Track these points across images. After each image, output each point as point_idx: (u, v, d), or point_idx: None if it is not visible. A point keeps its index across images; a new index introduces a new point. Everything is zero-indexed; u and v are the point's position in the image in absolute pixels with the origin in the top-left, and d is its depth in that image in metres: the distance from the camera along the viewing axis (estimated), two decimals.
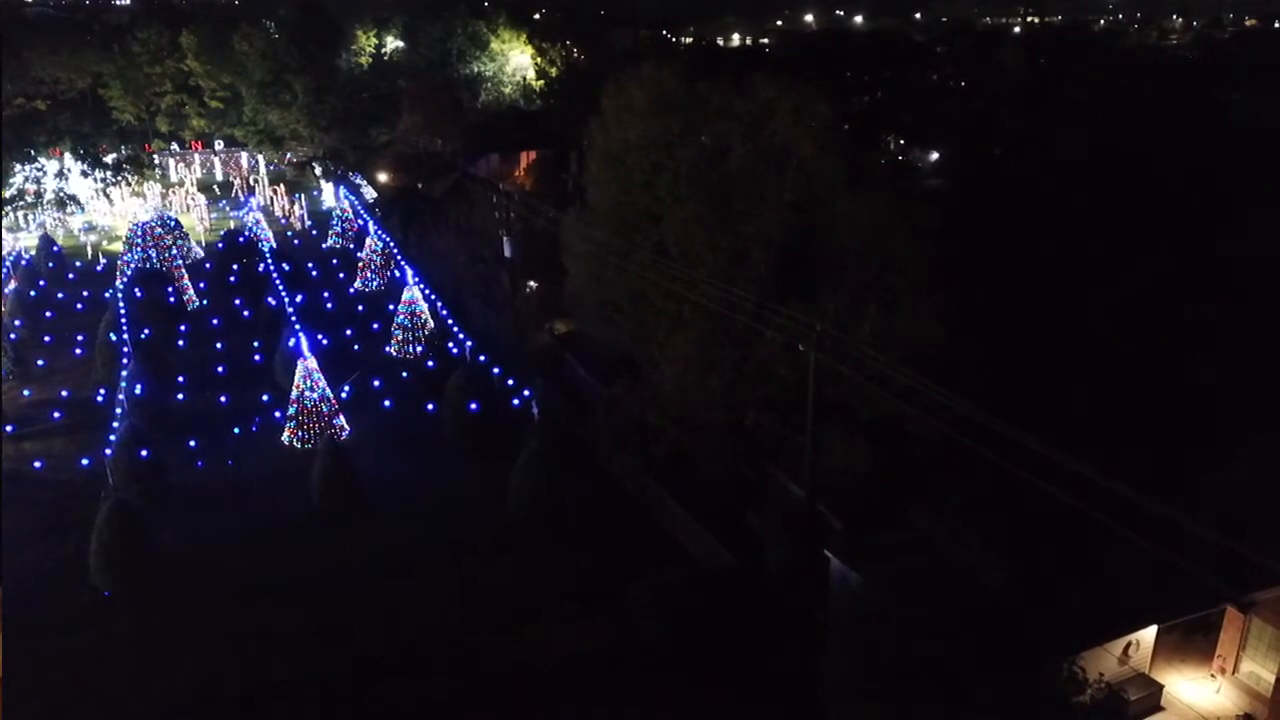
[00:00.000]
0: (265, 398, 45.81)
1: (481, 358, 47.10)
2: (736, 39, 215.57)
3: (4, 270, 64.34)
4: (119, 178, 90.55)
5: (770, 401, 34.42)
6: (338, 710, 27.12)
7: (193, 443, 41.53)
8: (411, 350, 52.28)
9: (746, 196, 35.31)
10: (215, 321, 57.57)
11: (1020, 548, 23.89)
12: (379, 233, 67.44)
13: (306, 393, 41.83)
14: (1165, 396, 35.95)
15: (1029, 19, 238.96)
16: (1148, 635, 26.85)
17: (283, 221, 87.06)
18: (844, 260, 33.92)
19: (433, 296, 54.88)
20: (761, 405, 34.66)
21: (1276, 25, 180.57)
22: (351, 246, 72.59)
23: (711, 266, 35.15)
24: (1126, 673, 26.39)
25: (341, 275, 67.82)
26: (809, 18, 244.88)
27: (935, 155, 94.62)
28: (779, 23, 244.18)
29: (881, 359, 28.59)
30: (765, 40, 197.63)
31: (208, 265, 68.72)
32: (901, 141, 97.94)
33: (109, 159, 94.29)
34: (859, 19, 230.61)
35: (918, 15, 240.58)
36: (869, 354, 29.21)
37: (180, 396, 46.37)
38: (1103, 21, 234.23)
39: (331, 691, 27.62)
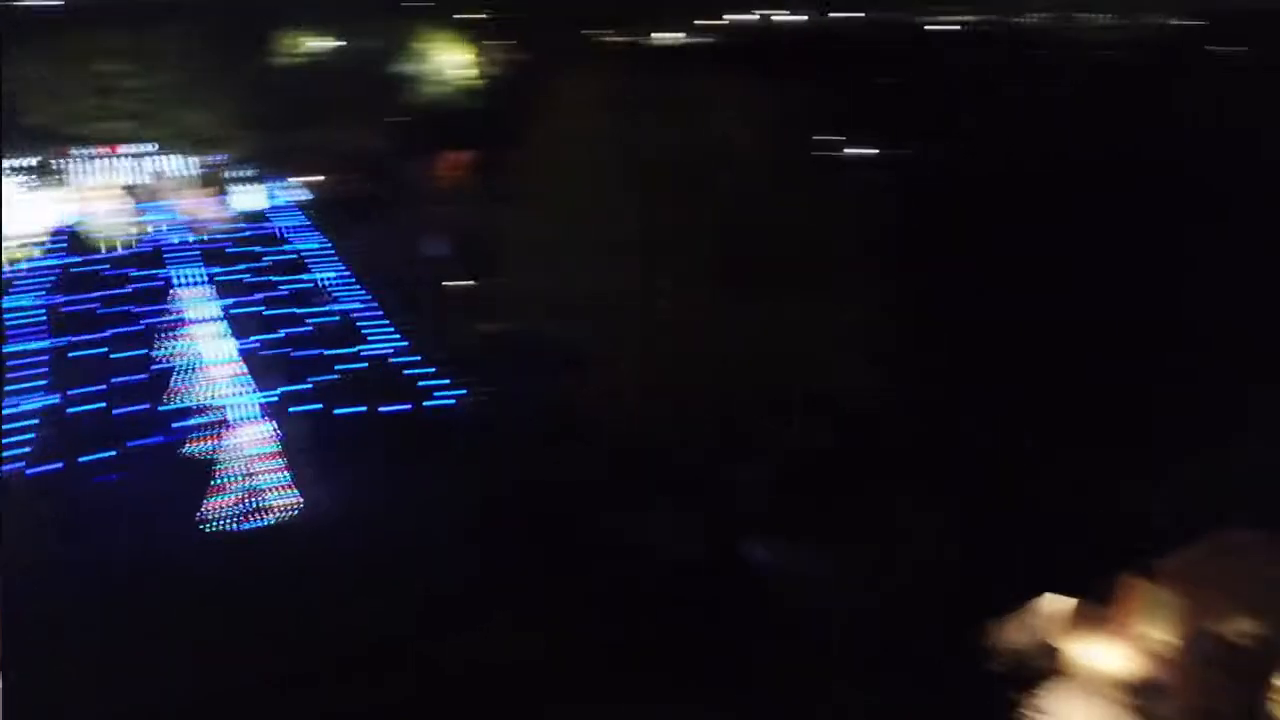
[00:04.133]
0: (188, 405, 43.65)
1: (416, 357, 45.62)
2: (677, 36, 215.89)
3: None
4: (35, 183, 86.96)
5: (731, 392, 33.91)
6: None
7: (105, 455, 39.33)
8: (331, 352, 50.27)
9: (687, 190, 34.88)
10: (140, 327, 54.81)
11: (938, 519, 24.25)
12: (311, 234, 65.47)
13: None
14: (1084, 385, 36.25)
15: (963, 15, 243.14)
16: (1051, 603, 27.73)
17: (209, 225, 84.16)
18: (785, 250, 33.53)
19: (362, 296, 53.17)
20: (722, 396, 34.14)
21: (1201, 23, 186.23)
22: (285, 249, 70.38)
23: (660, 260, 34.65)
24: (1032, 639, 27.07)
25: (274, 278, 65.37)
26: (751, 15, 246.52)
27: (875, 150, 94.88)
28: (720, 19, 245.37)
29: (822, 344, 28.31)
30: (706, 37, 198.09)
31: (130, 271, 65.75)
32: (840, 135, 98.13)
33: (24, 163, 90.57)
34: (801, 15, 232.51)
35: (854, 12, 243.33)
36: (810, 340, 28.85)
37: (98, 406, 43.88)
38: (1035, 18, 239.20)
39: None
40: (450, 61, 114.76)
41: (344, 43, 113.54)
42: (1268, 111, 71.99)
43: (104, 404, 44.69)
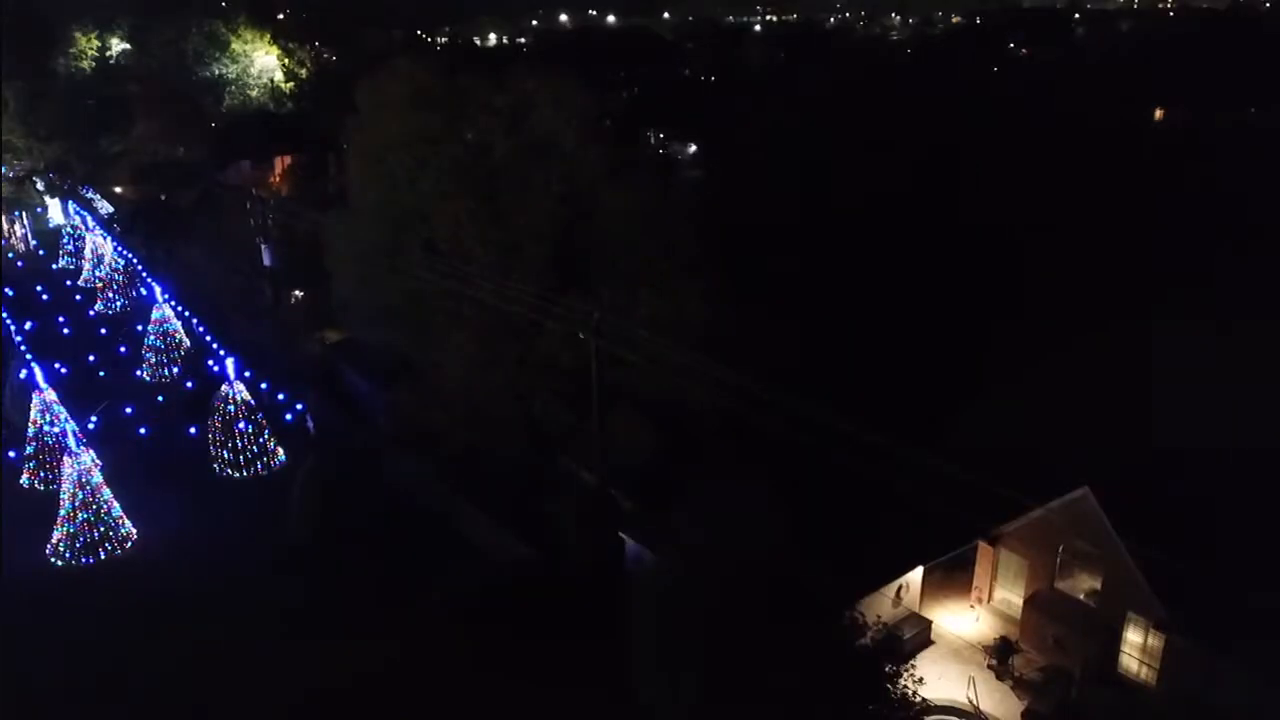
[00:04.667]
0: None
1: (248, 373, 44.51)
2: (493, 39, 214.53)
3: None
4: None
5: (556, 391, 34.70)
6: None
7: None
8: (167, 373, 48.59)
9: (514, 189, 35.28)
10: None
11: (798, 508, 25.28)
12: (119, 249, 62.12)
13: (45, 428, 37.96)
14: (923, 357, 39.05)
15: (768, 17, 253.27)
16: (915, 576, 29.38)
17: (4, 243, 78.30)
18: (614, 248, 34.63)
19: (186, 313, 51.21)
20: (548, 395, 34.89)
21: (978, 20, 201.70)
22: (88, 266, 66.33)
23: (484, 261, 34.97)
24: (900, 613, 28.65)
25: (78, 298, 61.96)
26: (563, 17, 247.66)
27: (693, 148, 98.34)
28: (534, 22, 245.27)
29: (658, 341, 29.51)
30: (521, 39, 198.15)
31: None
32: (661, 135, 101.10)
33: None
34: (611, 18, 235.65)
35: (666, 15, 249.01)
36: (645, 337, 30.09)
37: None
38: (833, 19, 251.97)
39: None
40: (267, 64, 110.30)
41: (144, 45, 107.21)
42: None
43: None
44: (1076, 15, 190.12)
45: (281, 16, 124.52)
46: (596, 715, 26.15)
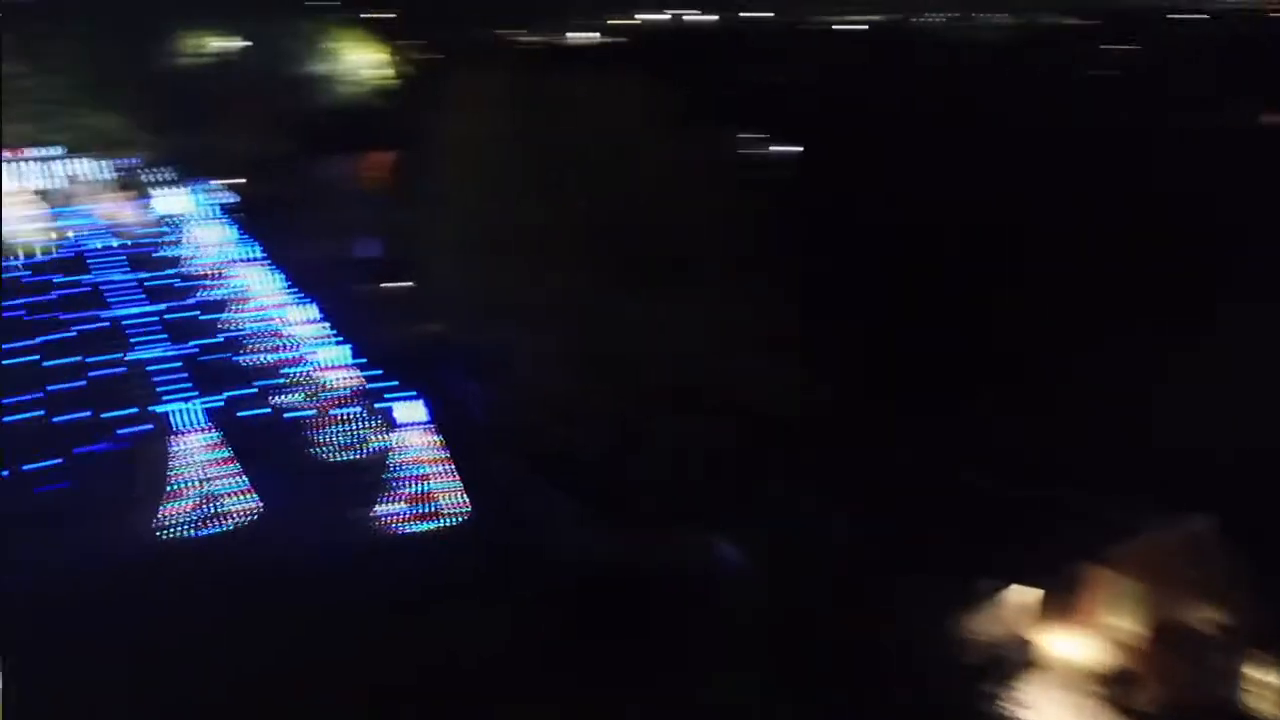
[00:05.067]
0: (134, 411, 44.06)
1: (350, 362, 46.73)
2: (584, 37, 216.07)
3: None
4: None
5: (644, 392, 34.98)
6: None
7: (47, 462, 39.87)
8: (274, 356, 51.17)
9: (597, 188, 35.93)
10: (50, 337, 54.45)
11: (895, 518, 24.99)
12: (224, 239, 65.37)
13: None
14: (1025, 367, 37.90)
15: (862, 16, 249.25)
16: (1020, 595, 27.78)
17: (119, 229, 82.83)
18: (695, 248, 35.03)
19: (289, 302, 53.84)
20: (636, 395, 35.20)
21: (1077, 21, 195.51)
22: (195, 253, 69.93)
23: (567, 257, 35.66)
24: (1001, 633, 27.20)
25: (186, 283, 65.30)
26: (656, 16, 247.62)
27: (780, 149, 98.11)
28: (626, 21, 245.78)
29: (737, 342, 29.83)
30: (612, 38, 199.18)
31: (40, 277, 64.80)
32: (747, 135, 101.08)
33: None
34: (705, 17, 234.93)
35: (760, 13, 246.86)
36: (724, 338, 30.39)
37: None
38: (933, 19, 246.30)
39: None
40: (369, 61, 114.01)
41: (254, 43, 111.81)
42: None
43: (42, 412, 45.03)
44: (1174, 16, 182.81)
45: (379, 16, 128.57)
46: (669, 712, 26.15)
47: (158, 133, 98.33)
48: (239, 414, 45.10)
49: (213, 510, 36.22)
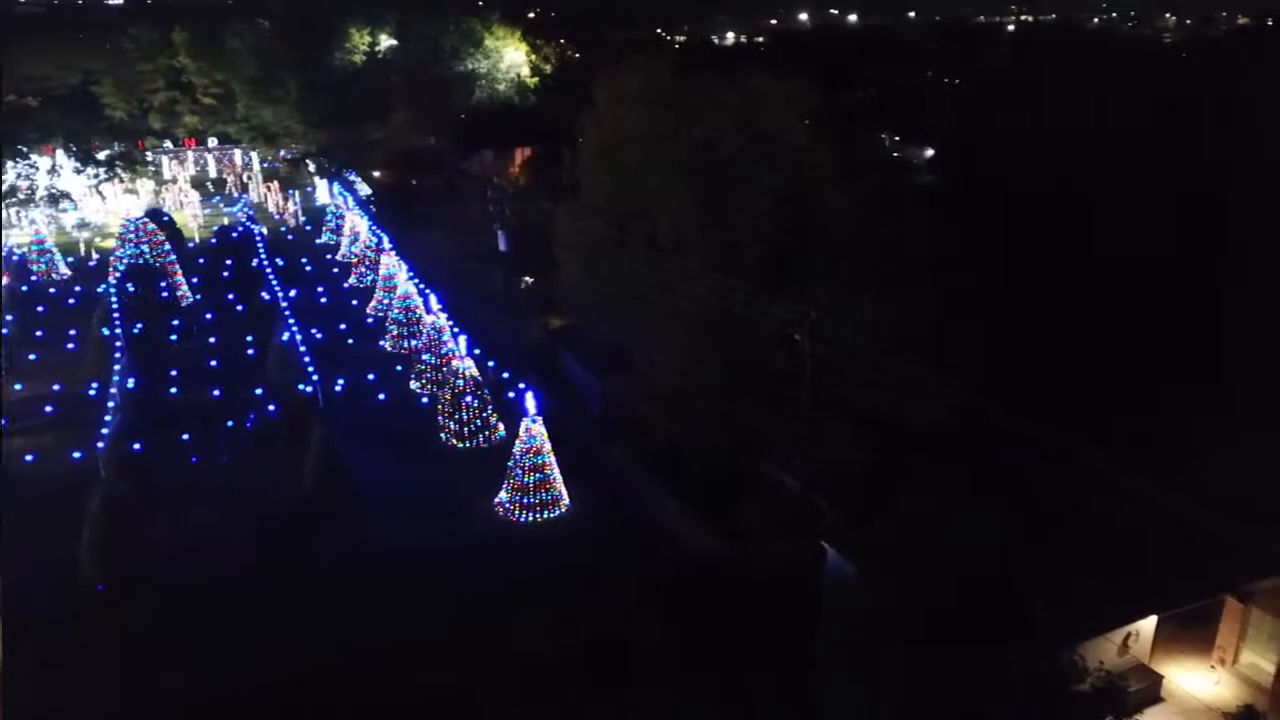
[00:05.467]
0: (258, 392, 45.54)
1: (476, 351, 46.96)
2: (730, 37, 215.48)
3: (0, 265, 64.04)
4: (111, 174, 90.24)
5: (764, 392, 34.37)
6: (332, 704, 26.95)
7: (185, 437, 41.38)
8: (406, 344, 52.13)
9: (738, 187, 35.34)
10: (209, 316, 57.34)
11: (1018, 536, 23.76)
12: (373, 228, 67.26)
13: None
14: (1172, 384, 35.61)
15: (1022, 17, 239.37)
16: (1147, 625, 26.77)
17: (276, 218, 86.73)
18: (837, 250, 33.96)
19: (425, 290, 54.72)
20: (757, 395, 34.60)
21: (1269, 23, 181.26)
22: (345, 242, 72.32)
23: (704, 257, 35.18)
24: (1126, 663, 26.23)
25: (335, 271, 67.68)
26: (803, 16, 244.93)
27: (929, 152, 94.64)
28: (773, 21, 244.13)
29: (876, 348, 28.61)
30: (759, 39, 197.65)
31: (201, 261, 68.36)
32: (895, 137, 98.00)
33: (101, 156, 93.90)
34: (853, 17, 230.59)
35: (911, 14, 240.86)
36: (863, 343, 29.23)
37: (173, 391, 46.21)
38: (1096, 20, 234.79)
39: (317, 686, 27.36)
40: (511, 59, 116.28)
41: (407, 40, 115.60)
42: None
43: (181, 388, 46.97)
44: None
45: (531, 15, 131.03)
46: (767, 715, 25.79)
47: (315, 126, 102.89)
48: (365, 398, 45.98)
49: (334, 490, 36.59)
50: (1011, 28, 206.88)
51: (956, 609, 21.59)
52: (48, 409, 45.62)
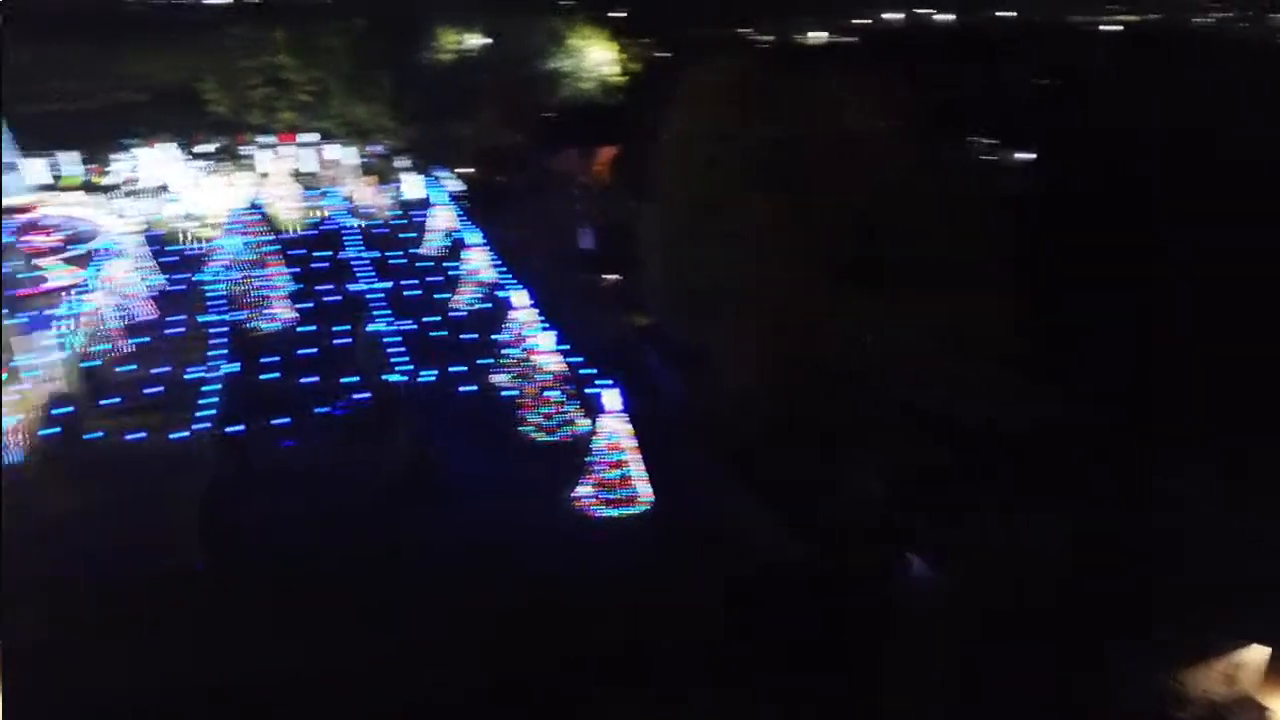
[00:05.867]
0: (349, 381, 46.93)
1: (561, 347, 47.57)
2: (815, 36, 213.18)
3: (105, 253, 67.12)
4: (212, 168, 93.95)
5: (843, 393, 34.19)
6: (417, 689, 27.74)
7: (279, 422, 42.99)
8: (492, 338, 52.96)
9: (819, 185, 35.15)
10: (303, 305, 59.23)
11: (1116, 552, 23.07)
12: (461, 224, 68.64)
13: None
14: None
15: (1123, 16, 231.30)
16: (1258, 655, 25.20)
17: (367, 212, 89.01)
18: (917, 251, 33.57)
19: (512, 286, 55.65)
20: (834, 397, 34.45)
21: None
22: (433, 237, 73.86)
23: (785, 256, 35.07)
24: (1233, 694, 24.79)
25: (423, 264, 69.15)
26: (891, 14, 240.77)
27: (1018, 154, 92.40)
28: (859, 20, 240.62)
29: (958, 351, 28.26)
30: (845, 37, 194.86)
31: (296, 251, 70.58)
32: (983, 139, 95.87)
33: (203, 150, 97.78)
34: (942, 16, 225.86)
35: (1005, 12, 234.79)
36: (945, 345, 28.89)
37: (268, 377, 48.00)
38: (1204, 19, 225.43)
39: (413, 668, 28.21)
40: (596, 58, 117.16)
41: (495, 39, 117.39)
42: None
43: (281, 374, 48.74)
44: None
45: (617, 14, 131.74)
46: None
47: (406, 123, 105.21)
48: (450, 390, 47.01)
49: (420, 478, 37.61)
50: (1111, 27, 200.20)
51: (1035, 621, 21.17)
52: (151, 391, 47.90)
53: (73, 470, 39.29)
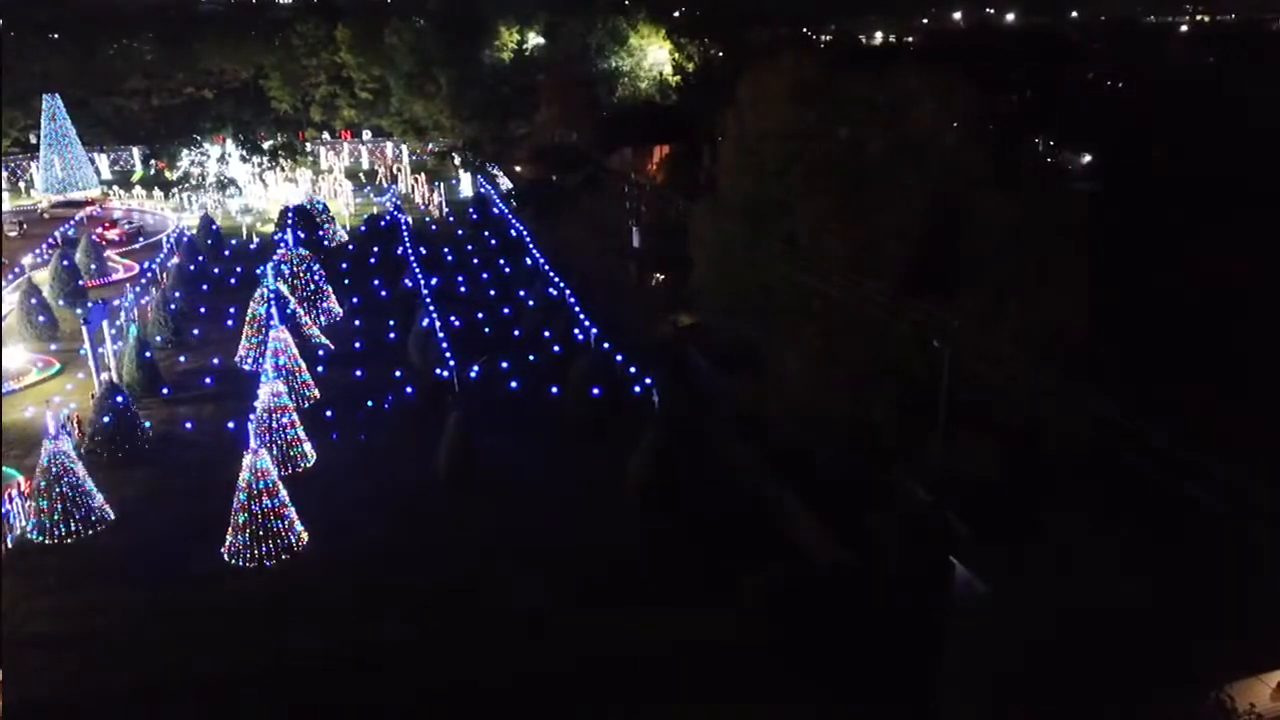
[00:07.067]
0: (398, 374, 47.20)
1: (606, 345, 47.30)
2: (880, 37, 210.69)
3: (169, 246, 68.62)
4: (274, 163, 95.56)
5: (899, 400, 33.31)
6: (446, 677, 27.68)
7: (328, 414, 43.30)
8: (538, 335, 52.99)
9: (883, 187, 34.42)
10: (355, 300, 59.86)
11: (1167, 562, 22.26)
12: (511, 222, 68.86)
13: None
14: None
15: (1197, 17, 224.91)
16: None
17: (422, 208, 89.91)
18: (984, 256, 32.61)
19: (560, 283, 55.57)
20: (890, 403, 33.57)
21: None
22: (486, 234, 74.27)
23: (843, 258, 34.38)
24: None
25: (475, 261, 69.55)
26: (957, 16, 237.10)
27: (1087, 157, 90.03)
28: (925, 20, 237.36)
29: (1023, 358, 27.33)
30: (910, 38, 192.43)
31: (350, 248, 71.51)
32: (1052, 142, 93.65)
33: (266, 145, 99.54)
34: (1010, 16, 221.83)
35: (1074, 14, 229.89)
36: (1008, 353, 27.96)
37: (319, 370, 48.43)
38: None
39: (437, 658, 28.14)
40: (654, 58, 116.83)
41: (555, 39, 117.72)
42: None
43: (326, 368, 49.34)
44: None
45: (677, 14, 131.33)
46: None
47: (465, 120, 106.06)
48: (498, 384, 46.98)
49: (467, 470, 37.64)
50: (1185, 28, 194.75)
51: (1094, 637, 20.48)
52: (207, 381, 48.66)
53: (133, 457, 40.18)
